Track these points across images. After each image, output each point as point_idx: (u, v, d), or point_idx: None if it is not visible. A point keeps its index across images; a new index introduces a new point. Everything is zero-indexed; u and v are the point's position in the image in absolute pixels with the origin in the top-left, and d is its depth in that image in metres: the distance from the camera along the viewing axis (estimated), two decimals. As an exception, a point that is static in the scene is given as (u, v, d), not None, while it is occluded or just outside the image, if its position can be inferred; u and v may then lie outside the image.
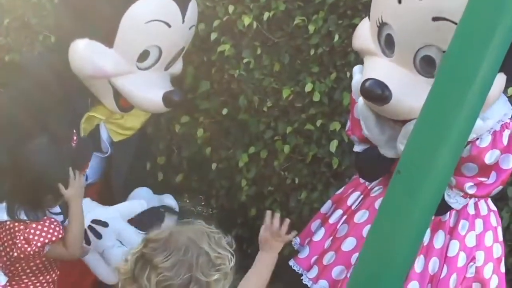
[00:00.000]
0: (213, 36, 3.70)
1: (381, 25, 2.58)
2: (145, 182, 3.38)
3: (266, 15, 3.59)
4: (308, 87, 3.59)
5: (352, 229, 2.87)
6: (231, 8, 3.65)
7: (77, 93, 2.98)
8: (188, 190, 4.36)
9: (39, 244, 2.58)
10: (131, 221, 2.96)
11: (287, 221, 2.56)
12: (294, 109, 3.70)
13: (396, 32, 2.54)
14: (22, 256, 2.60)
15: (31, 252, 2.58)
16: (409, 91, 2.44)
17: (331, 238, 2.91)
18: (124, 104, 3.05)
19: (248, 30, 3.67)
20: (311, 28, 3.51)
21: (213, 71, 3.84)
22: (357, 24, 2.84)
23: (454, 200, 2.68)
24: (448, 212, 2.76)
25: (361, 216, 2.87)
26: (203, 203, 4.56)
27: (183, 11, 2.99)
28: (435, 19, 2.40)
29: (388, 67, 2.59)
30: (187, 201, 4.57)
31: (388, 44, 2.60)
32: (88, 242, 2.83)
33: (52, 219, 2.66)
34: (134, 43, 2.95)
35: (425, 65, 2.52)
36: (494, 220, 2.89)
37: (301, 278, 2.90)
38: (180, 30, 3.04)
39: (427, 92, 2.08)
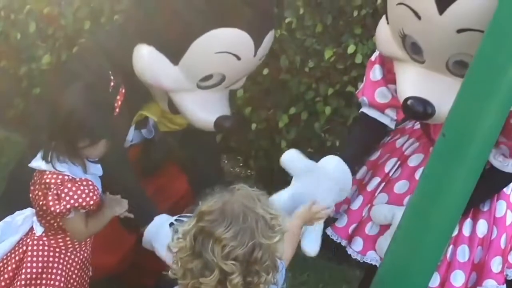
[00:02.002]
0: (256, -6, 3.66)
1: (404, 37, 2.51)
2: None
3: (310, -25, 3.56)
4: (351, 49, 3.55)
5: (392, 199, 2.84)
6: (274, -33, 3.60)
7: (133, 88, 2.90)
8: (226, 150, 4.35)
9: (68, 206, 2.53)
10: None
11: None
12: (336, 70, 3.66)
13: (422, 45, 2.48)
14: (48, 212, 2.58)
15: (57, 211, 2.53)
16: (450, 97, 2.35)
17: (368, 206, 2.88)
18: (175, 108, 3.00)
19: (291, -10, 3.63)
20: (355, -11, 3.48)
21: (254, 30, 3.80)
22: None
23: None
24: None
25: (401, 187, 2.84)
26: (241, 164, 4.54)
27: (258, 45, 2.88)
28: (459, 31, 2.33)
29: (424, 77, 2.52)
30: (226, 161, 4.55)
31: (415, 52, 2.52)
32: None
33: (90, 182, 2.60)
34: (200, 68, 2.87)
35: (460, 68, 2.44)
36: None
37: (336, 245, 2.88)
38: (249, 62, 2.96)
39: None
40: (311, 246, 2.68)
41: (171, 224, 2.85)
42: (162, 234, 2.84)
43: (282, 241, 2.02)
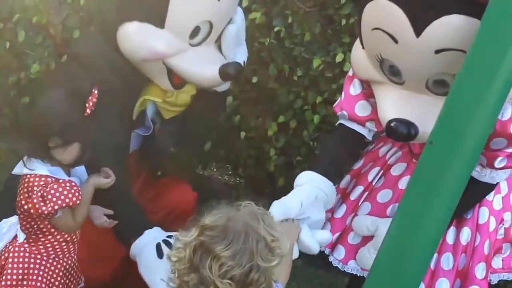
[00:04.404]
0: (244, 3, 3.67)
1: (382, 61, 2.51)
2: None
3: (298, -17, 3.58)
4: (339, 58, 3.58)
5: (375, 208, 2.85)
6: (263, -24, 3.63)
7: (128, 75, 2.91)
8: (215, 158, 4.36)
9: (56, 207, 2.54)
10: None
11: None
12: (324, 79, 3.67)
13: (400, 67, 2.48)
14: (35, 215, 2.57)
15: (45, 212, 2.54)
16: (432, 116, 2.35)
17: (352, 215, 2.89)
18: (177, 81, 2.99)
19: (279, -2, 3.65)
20: (343, -3, 3.49)
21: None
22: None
23: (491, 176, 2.65)
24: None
25: (384, 196, 2.85)
26: (230, 172, 4.53)
27: None
28: (438, 51, 2.34)
29: (404, 98, 2.52)
30: (215, 170, 4.56)
31: (394, 74, 2.52)
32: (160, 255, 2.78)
33: (73, 183, 2.62)
34: (185, 21, 2.86)
35: (440, 87, 2.46)
36: None
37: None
38: (229, 1, 2.96)
39: None
40: (311, 244, 2.66)
41: (158, 244, 2.79)
42: (146, 252, 2.79)
43: (280, 265, 2.00)
